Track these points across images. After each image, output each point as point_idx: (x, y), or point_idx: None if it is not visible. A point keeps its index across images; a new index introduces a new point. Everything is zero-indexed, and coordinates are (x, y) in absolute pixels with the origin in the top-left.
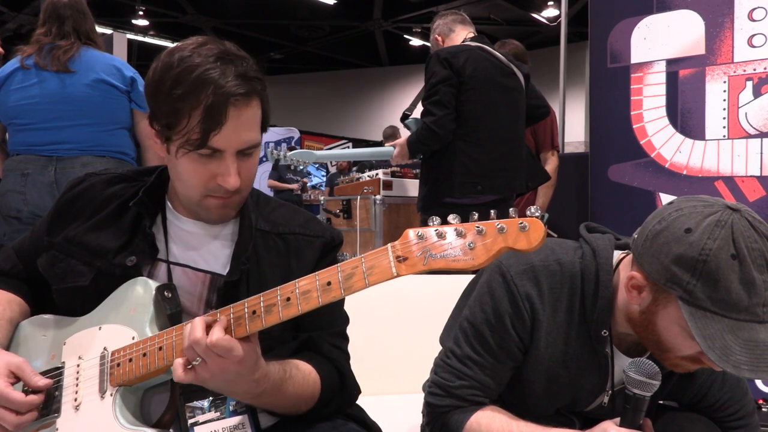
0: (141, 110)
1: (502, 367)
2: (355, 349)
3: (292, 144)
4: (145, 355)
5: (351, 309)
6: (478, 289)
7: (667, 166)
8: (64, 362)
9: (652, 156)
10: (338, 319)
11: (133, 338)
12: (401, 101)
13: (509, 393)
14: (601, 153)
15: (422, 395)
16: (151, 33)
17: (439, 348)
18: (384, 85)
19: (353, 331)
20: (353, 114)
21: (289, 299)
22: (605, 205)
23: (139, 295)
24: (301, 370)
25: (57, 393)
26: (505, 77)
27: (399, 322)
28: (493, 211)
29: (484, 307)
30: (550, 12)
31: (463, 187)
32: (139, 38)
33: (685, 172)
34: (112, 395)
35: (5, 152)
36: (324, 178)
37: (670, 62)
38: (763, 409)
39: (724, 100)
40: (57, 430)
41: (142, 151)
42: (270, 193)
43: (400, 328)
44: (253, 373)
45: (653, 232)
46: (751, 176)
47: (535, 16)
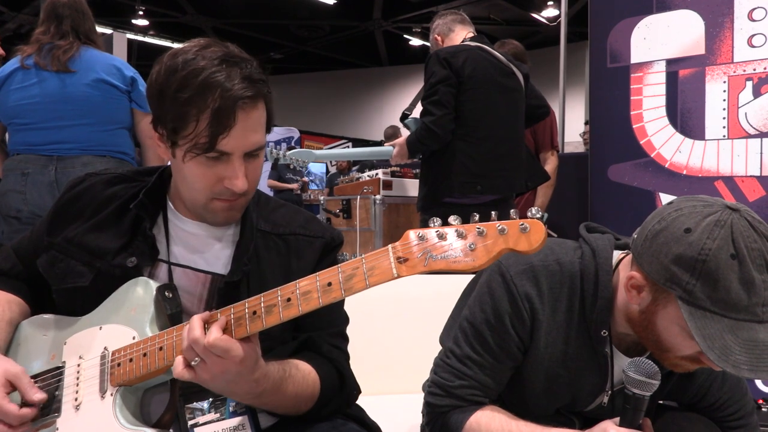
0: (141, 110)
1: (502, 367)
2: (355, 349)
3: (292, 144)
4: (146, 355)
5: (351, 309)
6: (478, 289)
7: (666, 166)
8: (65, 362)
9: (652, 156)
10: (338, 320)
11: (134, 338)
12: (401, 101)
13: (509, 393)
14: (601, 153)
15: (422, 395)
16: (151, 33)
17: (439, 348)
18: (384, 85)
19: (353, 331)
20: (353, 114)
21: (289, 300)
22: (605, 205)
23: (140, 296)
24: (300, 370)
25: (57, 393)
26: (504, 77)
27: (399, 323)
28: (494, 213)
29: (484, 307)
30: (550, 12)
31: (463, 187)
32: (139, 38)
33: (684, 172)
34: (112, 395)
35: (5, 152)
36: (322, 173)
37: (670, 62)
38: (763, 409)
39: (724, 100)
40: (57, 430)
41: (142, 150)
42: (270, 193)
43: (400, 328)
44: (252, 373)
45: (653, 232)
46: (751, 176)
47: (534, 16)
